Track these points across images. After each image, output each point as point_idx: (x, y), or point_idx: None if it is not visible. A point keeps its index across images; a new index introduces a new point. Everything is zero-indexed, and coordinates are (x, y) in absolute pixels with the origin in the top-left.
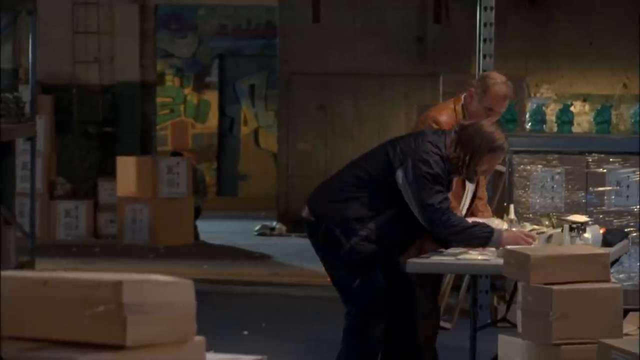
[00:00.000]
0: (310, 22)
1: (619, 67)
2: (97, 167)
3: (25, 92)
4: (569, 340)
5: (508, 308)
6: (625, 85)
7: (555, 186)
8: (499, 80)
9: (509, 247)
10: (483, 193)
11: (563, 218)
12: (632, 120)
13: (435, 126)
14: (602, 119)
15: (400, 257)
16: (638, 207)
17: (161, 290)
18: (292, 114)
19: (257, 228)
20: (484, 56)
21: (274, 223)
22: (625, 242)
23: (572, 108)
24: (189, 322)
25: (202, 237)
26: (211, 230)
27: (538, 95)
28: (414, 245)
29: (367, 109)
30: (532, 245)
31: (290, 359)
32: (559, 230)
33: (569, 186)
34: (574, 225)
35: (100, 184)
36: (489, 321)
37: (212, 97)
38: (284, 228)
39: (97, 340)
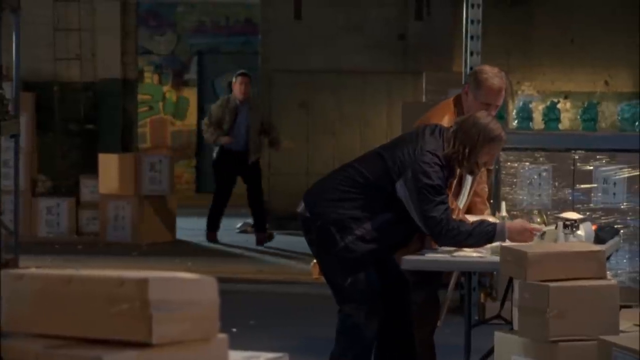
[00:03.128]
0: (292, 19)
1: (601, 65)
2: (79, 165)
3: (8, 90)
4: (565, 337)
5: (502, 305)
6: (606, 83)
7: (542, 183)
8: (491, 74)
9: (508, 242)
10: (482, 191)
11: (556, 215)
12: (619, 118)
13: None
14: (589, 116)
15: (396, 255)
16: (625, 204)
17: (186, 287)
18: (274, 112)
19: (238, 225)
20: (471, 53)
21: None
22: (616, 239)
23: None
24: (213, 320)
25: (183, 234)
26: (192, 227)
27: (520, 92)
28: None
29: (349, 106)
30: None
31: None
32: (553, 227)
33: (556, 183)
34: (568, 223)
35: (82, 181)
36: (476, 318)
37: (191, 94)
38: None
39: (122, 337)
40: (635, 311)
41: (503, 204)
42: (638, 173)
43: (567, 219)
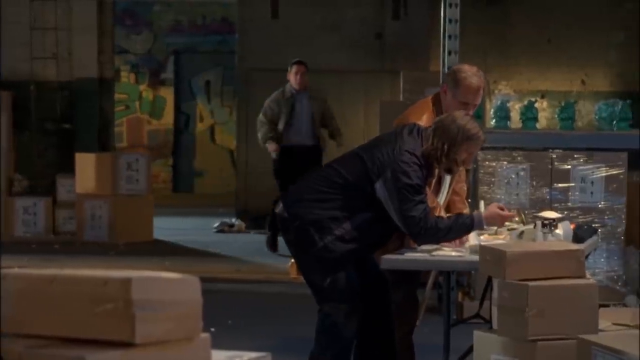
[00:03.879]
0: (269, 18)
1: (577, 64)
2: (56, 164)
3: None
4: (544, 336)
5: (481, 304)
6: (583, 82)
7: (519, 182)
8: (469, 73)
9: (487, 239)
10: (461, 189)
11: (535, 214)
12: (597, 117)
13: None
14: (566, 115)
15: (375, 255)
16: (602, 203)
17: (169, 287)
18: (251, 111)
19: (216, 225)
20: (449, 53)
21: (233, 220)
22: (595, 238)
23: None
24: (196, 319)
25: (160, 233)
26: (169, 227)
27: (497, 91)
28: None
29: None
30: (505, 240)
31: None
32: (531, 226)
33: (534, 182)
34: (546, 222)
35: (58, 181)
36: (454, 317)
37: (167, 93)
38: (242, 225)
39: (105, 337)
40: (613, 310)
41: (482, 203)
42: (616, 172)
43: (546, 218)
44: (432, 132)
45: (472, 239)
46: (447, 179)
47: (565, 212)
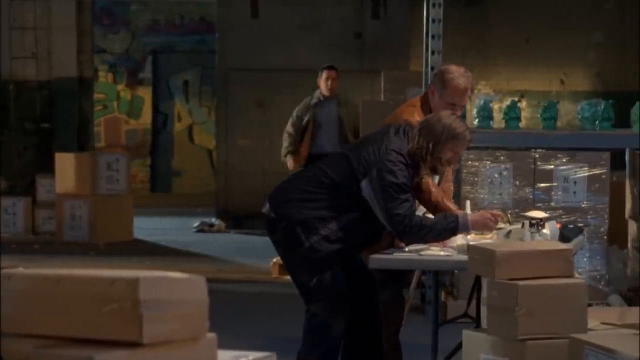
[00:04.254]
0: (249, 18)
1: (556, 64)
2: (35, 164)
3: None
4: (534, 335)
5: (469, 303)
6: (562, 82)
7: (502, 182)
8: (457, 74)
9: (475, 239)
10: (448, 189)
11: (522, 214)
12: (580, 116)
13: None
14: (549, 115)
15: (364, 254)
16: (585, 203)
17: (176, 286)
18: (231, 110)
19: (195, 224)
20: (432, 52)
21: (213, 219)
22: (580, 237)
23: (509, 105)
24: (202, 319)
25: (140, 233)
26: (148, 226)
27: (476, 91)
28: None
29: None
30: (493, 239)
31: None
32: (519, 226)
33: (517, 182)
34: (534, 221)
35: (38, 181)
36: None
37: (145, 93)
38: (223, 224)
39: (112, 337)
40: (599, 309)
41: (468, 203)
42: (598, 172)
43: (533, 218)
44: (417, 132)
45: (460, 238)
46: (435, 178)
47: (548, 212)
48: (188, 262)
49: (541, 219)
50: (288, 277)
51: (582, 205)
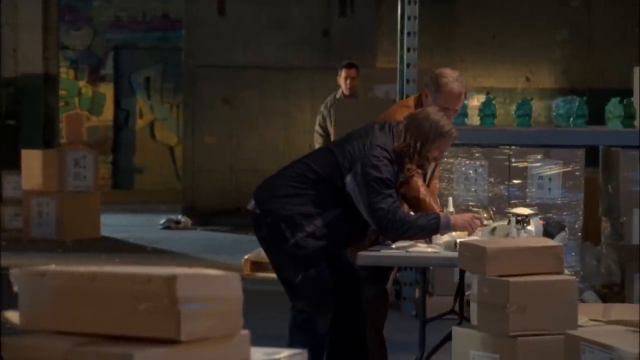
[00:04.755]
0: (216, 15)
1: (521, 61)
2: (1, 160)
3: None
4: (525, 331)
5: (455, 300)
6: (528, 79)
7: (477, 179)
8: (451, 78)
9: (460, 235)
10: (434, 186)
11: (507, 211)
12: (554, 113)
13: None
14: (523, 112)
15: (350, 251)
16: (560, 199)
17: (212, 284)
18: (198, 107)
19: (162, 221)
20: (408, 50)
21: (179, 216)
22: (562, 234)
23: (475, 102)
24: (237, 316)
25: (105, 230)
26: (113, 223)
27: None
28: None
29: (273, 102)
30: (478, 236)
31: None
32: (504, 222)
33: (491, 179)
34: (519, 218)
35: (4, 177)
36: (413, 313)
37: (107, 89)
38: (189, 222)
39: (149, 334)
40: (583, 306)
41: (450, 200)
42: (573, 168)
43: (519, 215)
44: (404, 129)
45: (445, 235)
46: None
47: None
48: (158, 260)
49: (526, 216)
50: (261, 275)
51: (557, 202)
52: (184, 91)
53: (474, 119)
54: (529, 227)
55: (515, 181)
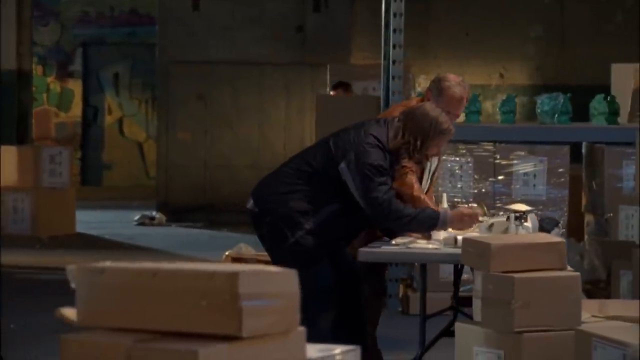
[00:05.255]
0: (190, 11)
1: (495, 58)
2: None
3: None
4: (530, 327)
5: (454, 296)
6: (501, 75)
7: (463, 175)
8: (453, 83)
9: (450, 230)
10: (434, 182)
11: (505, 207)
12: (539, 110)
13: None
14: (508, 108)
15: (348, 249)
16: (545, 196)
17: (272, 280)
18: (171, 103)
19: (136, 218)
20: (394, 46)
21: (154, 212)
22: (557, 229)
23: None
24: (295, 312)
25: (80, 227)
26: (85, 220)
27: (417, 85)
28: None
29: (247, 98)
30: (475, 232)
31: None
32: (502, 219)
33: (476, 175)
34: (517, 214)
35: None
36: (399, 309)
37: (75, 85)
38: (163, 218)
39: (211, 331)
40: (585, 302)
41: (444, 196)
42: (558, 165)
43: (517, 211)
44: (401, 125)
45: (441, 233)
46: (429, 167)
47: (508, 206)
48: (136, 256)
49: (524, 212)
50: None
51: (542, 199)
52: (157, 87)
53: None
54: (526, 224)
55: (501, 177)
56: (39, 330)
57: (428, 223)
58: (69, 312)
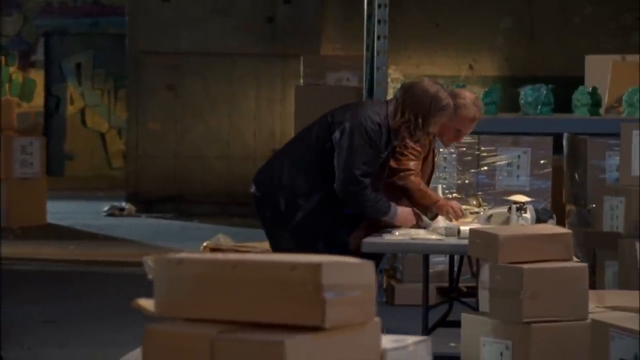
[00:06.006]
0: (160, 1)
1: (465, 49)
2: None
3: None
4: (538, 318)
5: (455, 287)
6: (471, 67)
7: (447, 167)
8: (468, 101)
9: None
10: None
11: (505, 198)
12: (522, 102)
13: None
14: (490, 99)
15: (349, 239)
16: (529, 187)
17: (351, 271)
18: (142, 94)
19: (106, 208)
20: (378, 37)
21: (123, 203)
22: (552, 220)
23: None
24: (372, 303)
25: (49, 217)
26: (53, 210)
27: (390, 79)
28: (361, 227)
29: (217, 89)
30: (473, 222)
31: None
32: (499, 209)
33: (460, 167)
34: (518, 205)
35: None
36: (384, 299)
37: (37, 76)
38: (133, 208)
39: (293, 322)
40: (596, 292)
41: (439, 188)
42: (541, 156)
43: (517, 202)
44: (400, 104)
45: (442, 221)
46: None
47: (492, 196)
48: (111, 247)
49: (524, 203)
50: None
51: (526, 189)
52: (127, 77)
53: None
54: (525, 215)
55: (484, 169)
56: (25, 321)
57: (380, 213)
58: (146, 303)
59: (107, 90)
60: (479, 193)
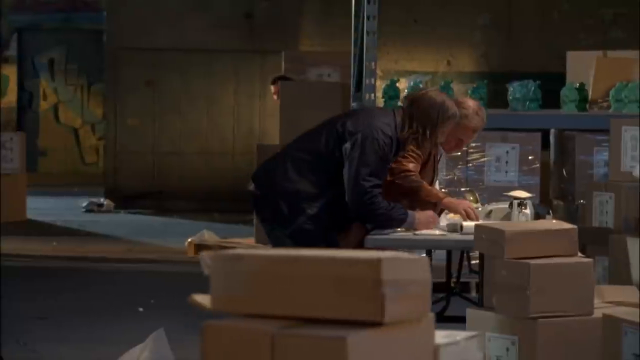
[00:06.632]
0: None
1: (443, 45)
2: None
3: None
4: (545, 313)
5: (457, 282)
6: (449, 63)
7: None
8: (470, 111)
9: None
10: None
11: (506, 193)
12: (511, 97)
13: None
14: (478, 95)
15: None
16: (518, 183)
17: (408, 267)
18: (120, 90)
19: (84, 204)
20: (367, 33)
21: (102, 199)
22: (549, 216)
23: (398, 84)
24: (427, 298)
25: (28, 213)
26: (31, 206)
27: (379, 73)
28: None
29: (196, 85)
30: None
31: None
32: (500, 205)
33: (450, 162)
34: (519, 201)
35: None
36: None
37: (10, 71)
38: (112, 204)
39: (352, 317)
40: (596, 288)
41: (436, 184)
42: (529, 152)
43: (517, 197)
44: (407, 115)
45: (442, 219)
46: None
47: (480, 192)
48: (94, 243)
49: (524, 199)
50: None
51: (514, 185)
52: (105, 73)
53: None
54: (525, 210)
55: (473, 164)
56: (18, 317)
57: (397, 222)
58: (202, 299)
59: (80, 86)
60: (472, 186)
